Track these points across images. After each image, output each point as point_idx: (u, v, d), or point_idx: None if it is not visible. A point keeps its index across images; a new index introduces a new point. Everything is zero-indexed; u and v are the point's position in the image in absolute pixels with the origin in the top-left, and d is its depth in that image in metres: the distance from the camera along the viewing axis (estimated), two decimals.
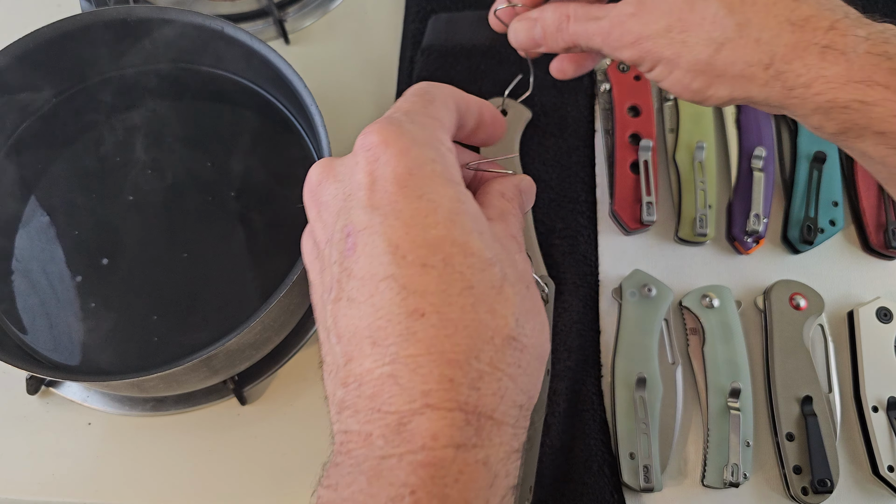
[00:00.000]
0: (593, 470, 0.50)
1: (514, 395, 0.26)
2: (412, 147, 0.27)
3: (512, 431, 0.26)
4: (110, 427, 0.53)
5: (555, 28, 0.42)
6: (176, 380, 0.48)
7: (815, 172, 0.58)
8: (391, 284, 0.25)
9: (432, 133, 0.29)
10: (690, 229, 0.57)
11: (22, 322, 0.52)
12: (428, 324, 0.25)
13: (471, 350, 0.25)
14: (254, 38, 0.53)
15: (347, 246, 0.27)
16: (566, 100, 0.62)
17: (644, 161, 0.58)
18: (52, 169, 0.57)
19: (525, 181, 0.35)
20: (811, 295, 0.55)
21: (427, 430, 0.24)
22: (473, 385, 0.25)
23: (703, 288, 0.55)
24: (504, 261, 0.28)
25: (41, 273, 0.53)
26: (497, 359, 0.26)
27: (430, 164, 0.27)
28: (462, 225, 0.27)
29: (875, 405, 0.52)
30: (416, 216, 0.26)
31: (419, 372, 0.25)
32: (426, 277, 0.25)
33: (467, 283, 0.26)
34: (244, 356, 0.51)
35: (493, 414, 0.25)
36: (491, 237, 0.28)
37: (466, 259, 0.26)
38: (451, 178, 0.28)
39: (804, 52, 0.33)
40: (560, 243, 0.57)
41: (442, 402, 0.24)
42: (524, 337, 0.27)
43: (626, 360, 0.53)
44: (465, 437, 0.24)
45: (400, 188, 0.27)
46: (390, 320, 0.25)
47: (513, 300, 0.27)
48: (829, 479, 0.49)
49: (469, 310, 0.25)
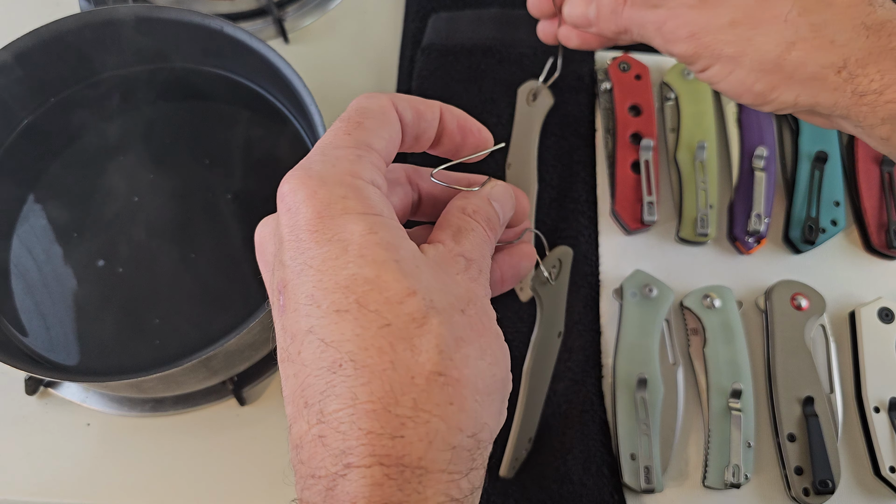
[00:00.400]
0: (593, 471, 0.50)
1: (447, 436, 0.24)
2: (319, 189, 0.26)
3: (447, 477, 0.24)
4: (109, 428, 0.53)
5: (610, 10, 0.40)
6: (175, 380, 0.48)
7: (817, 172, 0.58)
8: (312, 338, 0.24)
9: (345, 167, 0.26)
10: (692, 229, 0.57)
11: (21, 323, 0.52)
12: (345, 374, 0.23)
13: (389, 395, 0.23)
14: (253, 38, 0.53)
15: (281, 304, 0.26)
16: (567, 99, 0.61)
17: (645, 161, 0.57)
18: (51, 169, 0.56)
19: (497, 189, 0.32)
20: (813, 295, 0.54)
21: (348, 493, 0.23)
22: (395, 434, 0.23)
23: (704, 288, 0.55)
24: (431, 287, 0.25)
25: (40, 274, 0.53)
26: (422, 399, 0.23)
27: (341, 201, 0.25)
28: (374, 258, 0.25)
29: (876, 406, 0.52)
30: (327, 260, 0.25)
31: (340, 430, 0.23)
32: (342, 324, 0.24)
33: (383, 321, 0.24)
34: (243, 357, 0.50)
35: (420, 462, 0.23)
36: (412, 263, 0.25)
37: (381, 294, 0.24)
38: (366, 209, 0.26)
39: (879, 56, 0.32)
40: (561, 243, 0.56)
41: (361, 458, 0.23)
42: (453, 370, 0.24)
43: (626, 361, 0.53)
44: (385, 496, 0.22)
45: (311, 234, 0.25)
46: (317, 377, 0.24)
47: (437, 330, 0.24)
48: (831, 480, 0.49)
49: (387, 351, 0.24)
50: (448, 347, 0.24)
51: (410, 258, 0.25)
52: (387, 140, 0.28)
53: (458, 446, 0.24)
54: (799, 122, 0.60)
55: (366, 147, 0.27)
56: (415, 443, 0.23)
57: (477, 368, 0.25)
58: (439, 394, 0.24)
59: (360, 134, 0.28)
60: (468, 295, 0.27)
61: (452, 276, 0.27)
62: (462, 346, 0.25)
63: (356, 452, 0.23)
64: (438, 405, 0.24)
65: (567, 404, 0.52)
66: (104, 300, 0.52)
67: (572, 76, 0.62)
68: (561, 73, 0.60)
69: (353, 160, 0.27)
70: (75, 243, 0.54)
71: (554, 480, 0.50)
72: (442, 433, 0.24)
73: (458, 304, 0.26)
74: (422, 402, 0.23)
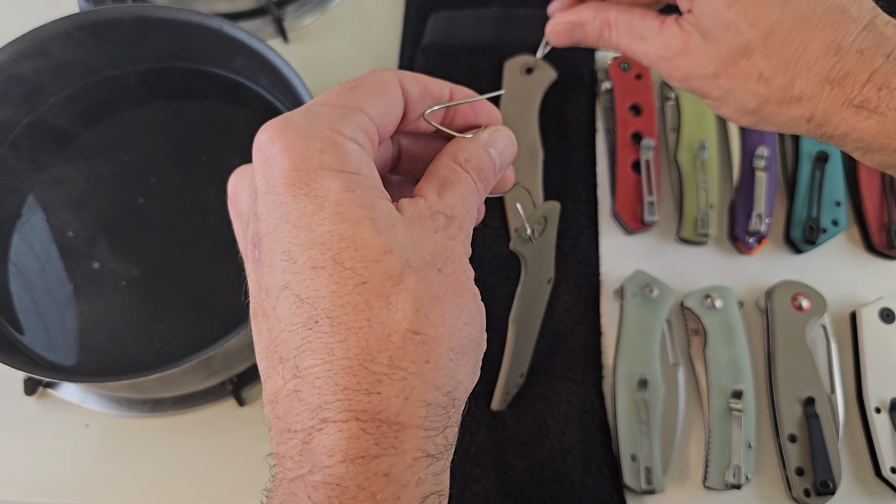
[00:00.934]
0: (593, 471, 0.50)
1: (423, 393, 0.24)
2: (297, 141, 0.25)
3: (423, 433, 0.24)
4: (108, 428, 0.53)
5: (596, 36, 0.42)
6: (174, 381, 0.48)
7: (818, 172, 0.58)
8: (287, 294, 0.24)
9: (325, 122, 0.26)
10: (692, 229, 0.57)
11: (19, 323, 0.51)
12: (321, 331, 0.24)
13: (366, 352, 0.23)
14: (252, 37, 0.53)
15: (255, 257, 0.26)
16: (567, 98, 0.61)
17: (646, 160, 0.57)
18: (50, 169, 0.56)
19: (497, 135, 0.31)
20: (813, 295, 0.54)
21: (324, 447, 0.23)
22: (371, 390, 0.23)
23: (705, 288, 0.55)
24: (407, 245, 0.25)
25: (39, 274, 0.53)
26: (398, 357, 0.24)
27: (318, 156, 0.25)
28: (350, 215, 0.24)
29: (878, 406, 0.52)
30: (304, 216, 0.24)
31: (316, 384, 0.23)
32: (317, 281, 0.24)
33: (360, 279, 0.24)
34: (242, 357, 0.50)
35: (396, 418, 0.23)
36: (388, 221, 0.25)
37: (357, 252, 0.24)
38: (343, 167, 0.25)
39: (841, 108, 0.36)
40: (561, 243, 0.56)
41: (337, 413, 0.23)
42: (429, 328, 0.24)
43: (627, 361, 0.52)
44: (361, 449, 0.23)
45: (287, 188, 0.25)
46: (290, 332, 0.24)
47: (414, 288, 0.24)
48: (832, 481, 0.49)
49: (363, 308, 0.24)
50: (424, 306, 0.24)
51: (386, 216, 0.25)
52: (381, 110, 0.28)
53: (433, 403, 0.24)
54: None
55: (354, 107, 0.27)
56: (391, 399, 0.23)
57: (453, 327, 0.25)
58: (415, 351, 0.24)
59: (351, 96, 0.27)
60: (446, 253, 0.27)
61: (430, 235, 0.27)
62: (438, 304, 0.25)
63: (332, 407, 0.23)
64: (414, 363, 0.24)
65: (567, 405, 0.52)
66: (103, 300, 0.52)
67: (572, 76, 0.62)
68: (561, 72, 0.60)
69: (334, 117, 0.26)
70: (74, 243, 0.54)
71: (554, 481, 0.50)
72: (418, 390, 0.24)
73: (434, 262, 0.26)
74: (398, 359, 0.24)
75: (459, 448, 0.50)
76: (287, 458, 0.24)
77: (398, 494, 0.23)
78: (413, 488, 0.24)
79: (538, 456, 0.50)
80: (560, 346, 0.53)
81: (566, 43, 0.44)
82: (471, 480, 0.50)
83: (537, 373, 0.53)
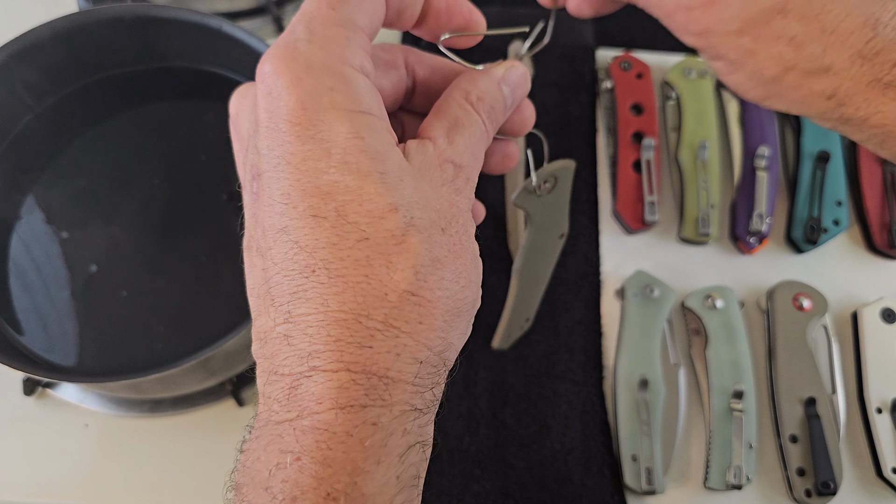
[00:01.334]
0: (594, 472, 0.50)
1: (414, 351, 0.24)
2: (305, 76, 0.24)
3: (412, 388, 0.24)
4: (107, 429, 0.52)
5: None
6: (173, 381, 0.48)
7: (819, 172, 0.58)
8: (285, 238, 0.24)
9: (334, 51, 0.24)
10: (693, 229, 0.57)
11: (18, 323, 0.51)
12: (317, 281, 0.23)
13: (361, 308, 0.23)
14: (251, 36, 0.53)
15: (254, 190, 0.25)
16: (568, 98, 0.61)
17: (646, 160, 0.57)
18: (50, 168, 0.56)
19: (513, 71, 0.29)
20: (815, 295, 0.54)
21: (313, 394, 0.23)
22: (364, 344, 0.23)
23: (705, 288, 0.54)
24: (413, 203, 0.24)
25: (38, 274, 0.53)
26: (393, 315, 0.24)
27: (328, 94, 0.24)
28: (358, 167, 0.24)
29: (879, 406, 0.52)
30: (308, 160, 0.23)
31: (308, 332, 0.23)
32: (317, 230, 0.23)
33: (362, 234, 0.23)
34: (242, 358, 0.50)
35: (387, 372, 0.24)
36: (397, 175, 0.24)
37: (362, 206, 0.23)
38: (354, 106, 0.24)
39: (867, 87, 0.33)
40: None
41: (328, 363, 0.23)
42: (426, 291, 0.24)
43: (628, 362, 0.52)
44: (351, 398, 0.23)
45: (292, 127, 0.24)
46: (286, 276, 0.24)
47: (416, 250, 0.24)
48: (833, 482, 0.48)
49: (363, 264, 0.23)
50: (424, 268, 0.24)
51: (395, 170, 0.24)
52: (370, 14, 0.26)
53: (424, 361, 0.24)
54: (801, 121, 0.59)
55: (353, 26, 0.25)
56: (383, 354, 0.23)
57: (450, 291, 0.25)
58: (410, 312, 0.24)
59: (346, 9, 0.25)
60: (451, 210, 0.26)
61: (437, 189, 0.26)
62: (438, 267, 0.25)
63: (323, 357, 0.23)
64: (408, 322, 0.24)
65: (568, 405, 0.51)
66: (102, 301, 0.52)
67: (573, 75, 0.62)
68: (562, 71, 0.60)
69: (342, 43, 0.25)
70: (74, 243, 0.54)
71: (555, 481, 0.50)
72: (410, 348, 0.24)
73: (439, 221, 0.25)
74: (392, 318, 0.24)
75: (459, 448, 0.50)
76: (274, 401, 0.24)
77: (385, 441, 0.23)
78: (399, 437, 0.24)
79: (539, 456, 0.50)
80: (560, 346, 0.53)
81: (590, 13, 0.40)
82: (471, 480, 0.49)
83: (537, 373, 0.53)
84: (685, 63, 0.61)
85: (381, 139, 0.24)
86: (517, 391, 0.52)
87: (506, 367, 0.53)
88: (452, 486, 0.49)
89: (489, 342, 0.53)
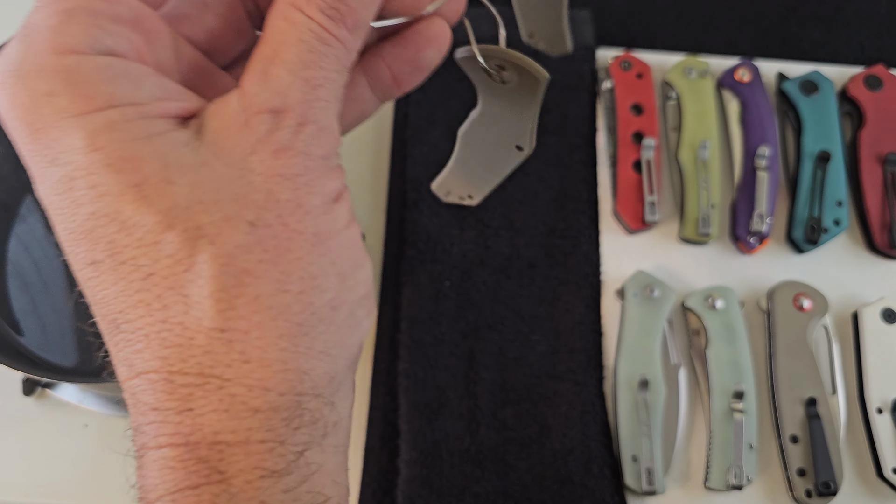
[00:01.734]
0: (594, 472, 0.50)
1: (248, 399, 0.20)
2: (17, 87, 0.19)
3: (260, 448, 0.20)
4: (107, 429, 0.52)
5: None
6: None
7: (820, 172, 0.58)
8: (85, 289, 0.20)
9: (43, 41, 0.19)
10: (694, 229, 0.56)
11: (17, 323, 0.51)
12: (123, 340, 0.20)
13: (168, 363, 0.19)
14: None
15: None
16: (568, 98, 0.61)
17: (647, 160, 0.57)
18: None
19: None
20: (815, 296, 0.54)
21: (147, 480, 0.20)
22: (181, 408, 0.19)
23: (706, 288, 0.54)
24: (195, 203, 0.19)
25: (37, 274, 0.53)
26: (207, 363, 0.19)
27: (47, 101, 0.19)
28: (107, 189, 0.18)
29: (879, 407, 0.52)
30: (59, 194, 0.19)
31: (133, 400, 0.20)
32: (101, 278, 0.19)
33: (144, 271, 0.19)
34: None
35: (216, 437, 0.19)
36: (161, 176, 0.19)
37: (130, 236, 0.19)
38: (85, 107, 0.19)
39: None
40: (562, 243, 0.56)
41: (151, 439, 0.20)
42: (238, 320, 0.19)
43: (628, 362, 0.52)
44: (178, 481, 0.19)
45: (32, 158, 0.19)
46: (106, 333, 0.21)
47: (209, 272, 0.19)
48: (834, 482, 0.48)
49: (156, 308, 0.19)
50: (227, 292, 0.19)
51: (158, 170, 0.19)
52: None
53: (263, 409, 0.19)
54: (802, 121, 0.59)
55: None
56: (206, 415, 0.19)
57: (278, 307, 0.19)
58: (227, 353, 0.19)
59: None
60: (264, 188, 0.19)
61: (238, 163, 0.19)
62: (249, 283, 0.19)
63: (147, 431, 0.19)
64: (230, 366, 0.19)
65: (568, 405, 0.51)
66: None
67: (573, 75, 0.61)
68: (561, 71, 0.60)
69: (53, 26, 0.19)
70: None
71: (555, 481, 0.49)
72: (241, 397, 0.19)
73: (242, 213, 0.19)
74: (207, 366, 0.19)
75: (459, 448, 0.50)
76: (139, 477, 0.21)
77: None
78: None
79: (539, 457, 0.50)
80: (561, 346, 0.53)
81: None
82: (471, 481, 0.49)
83: (538, 373, 0.53)
84: (685, 63, 0.61)
85: (129, 134, 0.19)
86: (517, 391, 0.52)
87: (506, 367, 0.52)
88: (452, 486, 0.49)
89: (489, 342, 0.52)
